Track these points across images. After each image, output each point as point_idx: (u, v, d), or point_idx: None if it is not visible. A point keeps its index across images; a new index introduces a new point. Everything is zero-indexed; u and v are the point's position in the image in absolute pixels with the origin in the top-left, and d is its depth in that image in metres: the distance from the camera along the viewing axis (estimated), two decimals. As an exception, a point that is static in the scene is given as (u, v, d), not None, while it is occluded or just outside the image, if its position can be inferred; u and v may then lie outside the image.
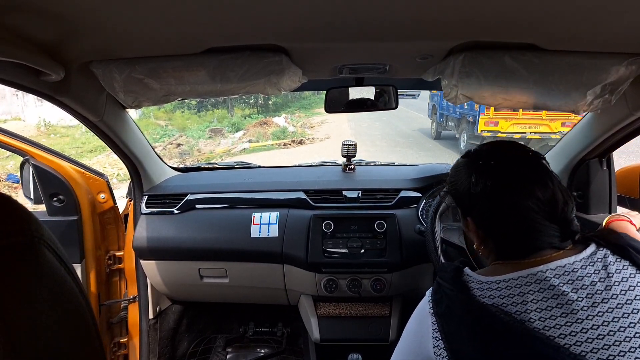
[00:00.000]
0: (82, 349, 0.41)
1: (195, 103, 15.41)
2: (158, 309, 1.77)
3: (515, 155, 0.77)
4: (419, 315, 0.79)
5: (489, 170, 0.75)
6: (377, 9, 0.74)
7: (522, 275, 0.69)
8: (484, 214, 0.76)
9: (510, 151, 0.78)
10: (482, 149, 0.81)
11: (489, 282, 0.72)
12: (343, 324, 1.58)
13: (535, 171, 0.74)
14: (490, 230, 0.77)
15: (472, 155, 0.82)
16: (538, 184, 0.72)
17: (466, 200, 0.79)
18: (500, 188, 0.73)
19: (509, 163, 0.75)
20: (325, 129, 12.54)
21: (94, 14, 0.73)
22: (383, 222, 1.53)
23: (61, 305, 0.39)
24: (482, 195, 0.75)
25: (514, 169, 0.74)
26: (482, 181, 0.74)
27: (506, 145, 0.80)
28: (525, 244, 0.73)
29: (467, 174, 0.78)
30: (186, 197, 1.66)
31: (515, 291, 0.68)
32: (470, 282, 0.74)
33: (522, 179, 0.72)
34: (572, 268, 0.68)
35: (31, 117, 12.72)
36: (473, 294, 0.71)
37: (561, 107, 1.10)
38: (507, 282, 0.70)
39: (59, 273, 0.39)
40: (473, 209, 0.78)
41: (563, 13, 0.76)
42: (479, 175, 0.75)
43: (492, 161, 0.76)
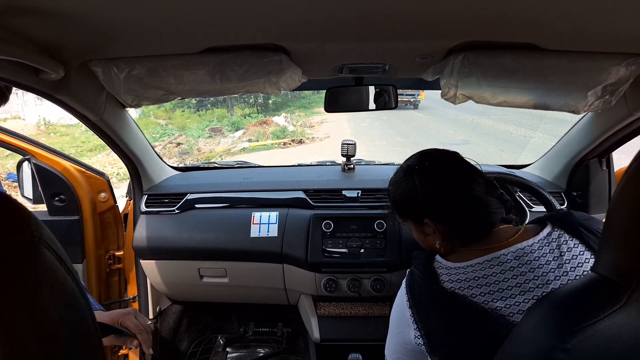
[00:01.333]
0: (82, 348, 0.41)
1: (195, 102, 15.41)
2: (158, 309, 1.77)
3: (439, 154, 0.88)
4: (399, 306, 0.86)
5: (426, 170, 0.85)
6: (376, 9, 0.74)
7: (486, 259, 0.77)
8: (438, 206, 0.83)
9: (434, 153, 0.89)
10: (410, 159, 0.91)
11: (457, 267, 0.79)
12: (343, 323, 1.58)
13: (460, 162, 0.86)
14: (450, 220, 0.83)
15: (405, 168, 0.90)
16: (469, 169, 0.84)
17: (419, 204, 0.86)
18: (443, 180, 0.82)
19: (439, 160, 0.86)
20: (325, 129, 12.54)
21: (94, 13, 0.73)
22: (383, 222, 1.53)
23: (61, 305, 0.39)
24: (432, 192, 0.83)
25: (445, 163, 0.85)
26: (426, 180, 0.83)
27: (428, 151, 0.91)
28: (482, 222, 0.81)
29: (410, 181, 0.86)
30: (186, 196, 1.66)
31: (480, 274, 0.76)
32: (439, 269, 0.82)
33: (456, 168, 0.84)
34: (530, 249, 0.76)
35: (31, 116, 12.72)
36: (441, 280, 0.79)
37: (562, 107, 1.10)
38: (473, 267, 0.77)
39: (59, 273, 0.40)
40: (428, 208, 0.85)
41: (563, 13, 0.76)
42: (421, 177, 0.84)
43: (426, 162, 0.86)
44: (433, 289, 0.78)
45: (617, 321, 0.41)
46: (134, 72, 1.03)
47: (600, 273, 0.46)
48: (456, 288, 0.76)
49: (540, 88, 1.05)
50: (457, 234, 0.83)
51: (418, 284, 0.82)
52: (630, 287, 0.41)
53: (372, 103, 1.40)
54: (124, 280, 1.74)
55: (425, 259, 0.86)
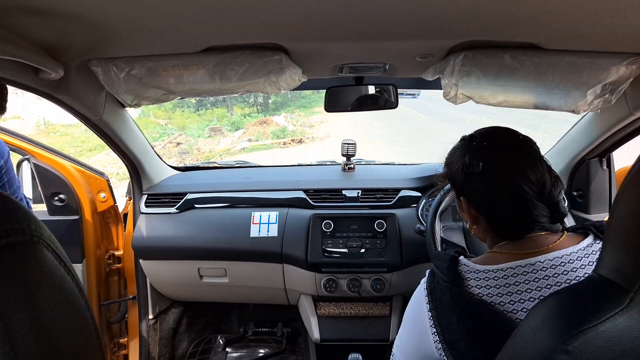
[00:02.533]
0: (82, 348, 0.41)
1: (194, 102, 15.40)
2: (158, 309, 1.77)
3: (507, 138, 0.79)
4: (416, 306, 0.80)
5: (482, 150, 0.77)
6: (376, 8, 0.74)
7: (520, 265, 0.70)
8: (477, 191, 0.78)
9: (503, 134, 0.81)
10: (477, 133, 0.83)
11: (485, 270, 0.73)
12: (343, 323, 1.58)
13: (526, 153, 0.76)
14: (482, 207, 0.78)
15: (466, 138, 0.84)
16: (528, 164, 0.74)
17: (460, 180, 0.81)
18: (492, 167, 0.75)
19: (501, 144, 0.78)
20: (325, 128, 12.54)
21: (94, 13, 0.73)
22: (383, 222, 1.53)
23: (61, 304, 0.39)
24: (475, 174, 0.77)
25: (506, 150, 0.76)
26: (476, 161, 0.77)
27: (499, 130, 0.82)
28: (516, 221, 0.74)
29: (462, 155, 0.80)
30: (185, 196, 1.65)
31: (512, 280, 0.69)
32: (466, 272, 0.75)
33: (513, 159, 0.75)
34: (568, 259, 0.70)
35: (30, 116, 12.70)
36: (468, 285, 0.72)
37: (561, 106, 1.10)
38: (505, 272, 0.71)
39: (59, 272, 0.39)
40: (466, 187, 0.80)
41: (563, 12, 0.76)
42: (473, 155, 0.78)
43: (485, 142, 0.78)
44: (458, 295, 0.72)
45: (619, 323, 0.41)
46: (133, 72, 1.02)
47: (603, 275, 0.45)
48: (484, 294, 0.70)
49: (540, 87, 1.05)
50: (488, 224, 0.79)
51: (441, 287, 0.75)
52: (632, 289, 0.41)
53: (372, 103, 1.40)
54: (123, 280, 1.74)
55: (450, 261, 0.78)
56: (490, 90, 1.08)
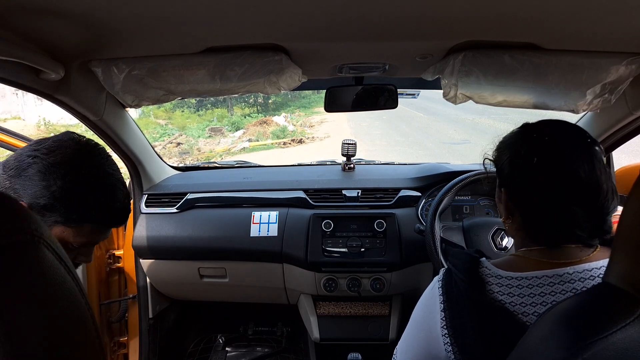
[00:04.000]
0: (82, 348, 0.41)
1: (195, 102, 15.40)
2: (158, 308, 1.77)
3: (572, 138, 0.71)
4: (427, 306, 0.77)
5: (539, 145, 0.71)
6: (376, 9, 0.74)
7: (547, 275, 0.66)
8: (521, 186, 0.72)
9: (568, 133, 0.72)
10: (540, 123, 0.75)
11: (509, 277, 0.68)
12: (343, 323, 1.58)
13: (586, 157, 0.68)
14: (520, 203, 0.73)
15: (527, 127, 0.76)
16: (583, 168, 0.66)
17: (506, 170, 0.75)
18: (545, 165, 0.69)
19: (563, 143, 0.70)
20: (325, 128, 12.54)
21: (94, 13, 0.73)
22: (383, 222, 1.53)
23: (61, 304, 0.39)
24: (522, 169, 0.71)
25: (566, 149, 0.69)
26: (529, 154, 0.70)
27: (564, 126, 0.73)
28: (552, 227, 0.69)
29: (517, 144, 0.74)
30: (186, 196, 1.66)
31: (537, 291, 0.65)
32: (488, 276, 0.70)
33: (571, 161, 0.67)
34: (598, 273, 0.66)
35: (31, 116, 12.71)
36: (490, 290, 0.68)
37: (561, 106, 1.10)
38: (530, 280, 0.67)
39: (59, 272, 0.40)
40: (510, 180, 0.74)
41: (563, 12, 0.76)
42: (528, 148, 0.71)
43: (547, 137, 0.71)
44: (477, 299, 0.68)
45: (630, 334, 0.39)
46: (134, 72, 1.03)
47: (613, 284, 0.44)
48: (506, 302, 0.66)
49: (539, 87, 1.05)
50: (522, 222, 0.74)
51: (459, 288, 0.71)
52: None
53: (372, 103, 1.40)
54: (124, 280, 1.74)
55: (471, 262, 0.73)
56: (490, 90, 1.08)
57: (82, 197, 0.81)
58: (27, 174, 0.78)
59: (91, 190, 0.82)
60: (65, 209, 0.79)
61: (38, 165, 0.79)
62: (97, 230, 0.87)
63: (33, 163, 0.79)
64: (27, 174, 0.78)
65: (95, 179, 0.83)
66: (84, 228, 0.83)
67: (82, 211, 0.81)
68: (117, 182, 0.87)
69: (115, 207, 0.87)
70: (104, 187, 0.84)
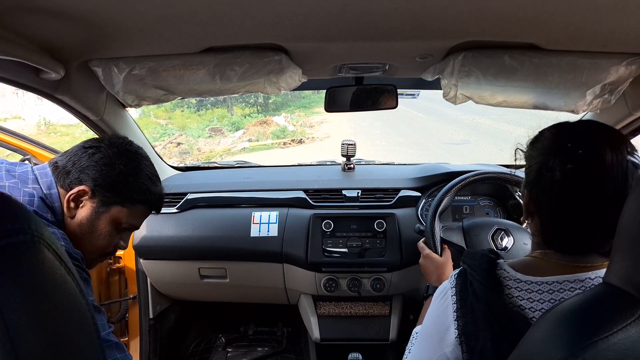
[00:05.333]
0: (83, 348, 0.41)
1: (195, 102, 15.40)
2: (158, 309, 1.77)
3: (607, 151, 0.65)
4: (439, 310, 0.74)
5: (571, 158, 0.66)
6: (376, 9, 0.74)
7: (568, 280, 0.64)
8: (544, 193, 0.70)
9: (604, 143, 0.66)
10: (577, 130, 0.71)
11: (528, 281, 0.66)
12: (343, 323, 1.58)
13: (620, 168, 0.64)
14: (539, 210, 0.71)
15: (564, 132, 0.72)
16: (611, 187, 0.63)
17: (533, 175, 0.72)
18: (573, 180, 0.65)
19: (594, 158, 0.65)
20: (325, 128, 12.54)
21: (94, 13, 0.73)
22: (383, 222, 1.53)
23: (61, 304, 0.39)
24: (550, 177, 0.68)
25: (599, 161, 0.64)
26: (560, 166, 0.67)
27: (603, 136, 0.68)
28: (570, 239, 0.68)
29: (549, 150, 0.70)
30: (186, 196, 1.66)
31: (557, 296, 0.63)
32: (505, 279, 0.68)
33: (598, 179, 0.64)
34: None
35: (31, 116, 12.71)
36: (508, 294, 0.66)
37: (561, 106, 1.10)
38: (550, 285, 0.65)
39: (59, 272, 0.40)
40: (535, 185, 0.71)
41: (562, 13, 0.76)
42: (561, 158, 0.67)
43: (581, 150, 0.66)
44: (494, 303, 0.65)
45: (631, 335, 0.39)
46: (134, 72, 1.03)
47: (613, 284, 0.44)
48: (526, 308, 0.64)
49: (539, 87, 1.05)
50: (540, 226, 0.72)
51: (474, 291, 0.68)
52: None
53: (372, 103, 1.40)
54: (124, 280, 1.74)
55: (487, 264, 0.70)
56: (490, 90, 1.08)
57: (139, 181, 0.96)
58: (92, 160, 0.92)
59: (146, 177, 0.98)
60: (126, 190, 0.94)
61: (102, 154, 0.93)
62: (145, 213, 1.02)
63: (97, 152, 0.93)
64: (93, 160, 0.92)
65: (148, 168, 1.00)
66: (137, 209, 0.98)
67: (138, 194, 0.96)
68: (157, 175, 1.05)
69: (160, 193, 1.05)
70: (154, 176, 1.02)
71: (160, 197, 1.04)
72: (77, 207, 0.91)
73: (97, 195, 0.91)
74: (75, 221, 0.91)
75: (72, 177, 0.90)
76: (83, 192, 0.90)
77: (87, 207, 0.91)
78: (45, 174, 0.90)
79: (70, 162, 0.92)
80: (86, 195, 0.91)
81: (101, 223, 0.93)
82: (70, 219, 0.91)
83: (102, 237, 0.94)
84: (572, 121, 0.72)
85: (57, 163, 0.92)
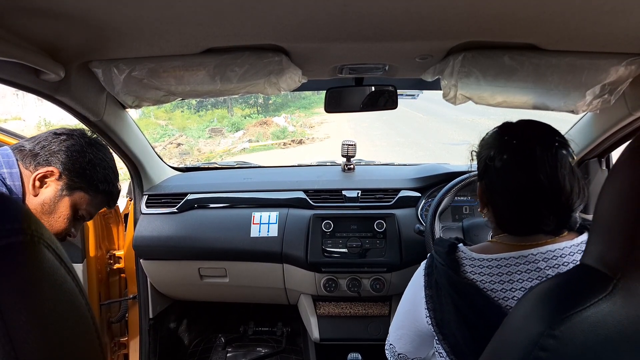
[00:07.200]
0: (83, 348, 0.42)
1: (195, 103, 15.41)
2: (158, 309, 1.77)
3: (540, 139, 0.76)
4: (414, 285, 0.87)
5: (508, 147, 0.77)
6: (376, 10, 0.74)
7: (513, 256, 0.75)
8: (491, 183, 0.80)
9: (536, 135, 0.77)
10: (515, 125, 0.81)
11: (481, 259, 0.78)
12: (343, 323, 1.58)
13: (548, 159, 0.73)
14: (490, 199, 0.81)
15: (503, 128, 0.83)
16: (544, 172, 0.72)
17: (482, 166, 0.83)
18: (510, 166, 0.76)
19: (529, 145, 0.75)
20: (325, 129, 12.54)
21: (94, 14, 0.74)
22: (382, 222, 1.53)
23: (61, 304, 0.39)
24: (494, 167, 0.78)
25: (531, 152, 0.74)
26: (498, 156, 0.77)
27: (536, 129, 0.79)
28: (517, 221, 0.78)
29: (491, 144, 0.81)
30: (186, 196, 1.66)
31: (504, 270, 0.74)
32: (463, 259, 0.80)
33: (531, 165, 0.73)
34: (560, 253, 0.73)
35: (31, 117, 12.71)
36: (463, 271, 0.78)
37: (560, 107, 1.10)
38: (498, 261, 0.75)
39: (59, 273, 0.40)
40: (484, 176, 0.82)
41: (563, 13, 0.76)
42: (499, 148, 0.78)
43: (515, 140, 0.77)
44: (453, 278, 0.77)
45: (603, 309, 0.42)
46: (134, 73, 1.03)
47: (589, 264, 0.47)
48: (477, 280, 0.75)
49: (539, 88, 1.06)
50: (493, 214, 0.82)
51: (438, 270, 0.81)
52: (615, 276, 0.43)
53: (372, 103, 1.40)
54: (124, 280, 1.74)
55: (449, 248, 0.83)
56: (490, 90, 1.08)
57: (105, 172, 1.03)
58: (63, 145, 0.97)
59: (111, 171, 1.05)
60: (92, 178, 1.00)
61: (74, 141, 0.99)
62: (103, 204, 1.08)
63: (69, 139, 0.99)
64: (64, 145, 0.97)
65: (113, 163, 1.07)
66: (98, 198, 1.04)
67: (102, 183, 1.03)
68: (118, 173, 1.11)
69: (119, 190, 1.12)
70: (116, 172, 1.09)
71: (118, 193, 1.12)
72: (42, 187, 0.95)
73: (63, 178, 0.96)
74: (38, 200, 0.95)
75: (40, 159, 0.95)
76: (50, 173, 0.95)
77: (52, 188, 0.96)
78: (7, 154, 0.93)
79: (39, 146, 0.96)
80: (53, 176, 0.95)
81: (62, 205, 0.97)
82: (33, 197, 0.95)
83: (60, 219, 0.98)
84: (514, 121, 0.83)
85: (22, 146, 0.96)
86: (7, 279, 0.35)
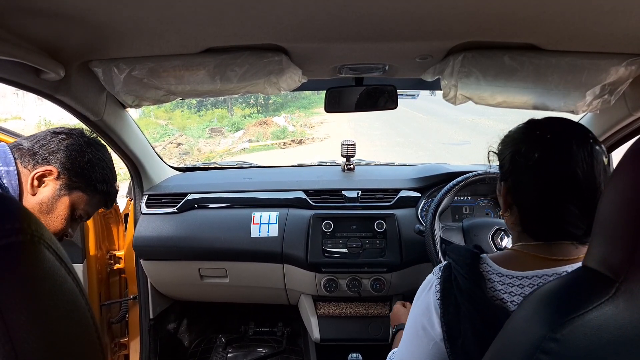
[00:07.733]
0: (83, 348, 0.42)
1: (195, 102, 15.41)
2: (158, 309, 1.77)
3: (575, 137, 0.70)
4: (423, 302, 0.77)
5: (540, 142, 0.71)
6: (376, 10, 0.74)
7: (547, 274, 0.67)
8: (520, 182, 0.73)
9: (569, 130, 0.72)
10: (544, 121, 0.76)
11: (510, 276, 0.69)
12: (343, 323, 1.58)
13: (584, 156, 0.68)
14: (518, 198, 0.74)
15: (532, 123, 0.76)
16: (581, 168, 0.67)
17: (507, 165, 0.75)
18: (546, 162, 0.69)
19: (562, 141, 0.70)
20: (325, 129, 12.54)
21: (94, 13, 0.74)
22: (382, 222, 1.53)
23: (61, 305, 0.39)
24: (524, 163, 0.72)
25: (564, 148, 0.69)
26: (531, 150, 0.71)
27: (568, 124, 0.73)
28: (546, 223, 0.71)
29: (520, 139, 0.75)
30: (186, 196, 1.66)
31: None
32: (489, 274, 0.71)
33: (567, 160, 0.68)
34: None
35: (31, 116, 12.71)
36: (492, 287, 0.69)
37: (560, 107, 1.10)
38: (530, 280, 0.67)
39: (59, 273, 0.40)
40: (511, 175, 0.75)
41: (562, 13, 0.76)
42: (531, 144, 0.72)
43: (549, 135, 0.71)
44: (477, 296, 0.68)
45: (605, 312, 0.42)
46: (134, 73, 1.03)
47: (591, 267, 0.47)
48: (507, 301, 0.67)
49: (539, 88, 1.06)
50: (520, 216, 0.74)
51: (458, 285, 0.70)
52: (618, 279, 0.42)
53: (372, 103, 1.40)
54: (124, 281, 1.74)
55: (471, 258, 0.73)
56: (490, 91, 1.08)
57: (104, 172, 1.02)
58: (62, 145, 0.96)
59: (109, 171, 1.05)
60: (90, 178, 0.99)
61: (73, 140, 0.98)
62: (100, 204, 1.07)
63: (68, 138, 0.98)
64: (63, 145, 0.96)
65: (111, 164, 1.07)
66: (95, 198, 1.03)
67: (100, 183, 1.02)
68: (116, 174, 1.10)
69: (117, 190, 1.11)
70: (114, 173, 1.08)
71: (116, 193, 1.11)
72: (40, 186, 0.94)
73: (62, 177, 0.95)
74: (36, 199, 0.94)
75: (39, 157, 0.93)
76: (49, 172, 0.94)
77: (50, 188, 0.95)
78: (4, 151, 0.93)
79: (38, 145, 0.95)
80: (51, 175, 0.94)
81: (60, 205, 0.97)
82: (31, 196, 0.94)
83: (58, 219, 0.97)
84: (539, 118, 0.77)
85: (21, 145, 0.95)
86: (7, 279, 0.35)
